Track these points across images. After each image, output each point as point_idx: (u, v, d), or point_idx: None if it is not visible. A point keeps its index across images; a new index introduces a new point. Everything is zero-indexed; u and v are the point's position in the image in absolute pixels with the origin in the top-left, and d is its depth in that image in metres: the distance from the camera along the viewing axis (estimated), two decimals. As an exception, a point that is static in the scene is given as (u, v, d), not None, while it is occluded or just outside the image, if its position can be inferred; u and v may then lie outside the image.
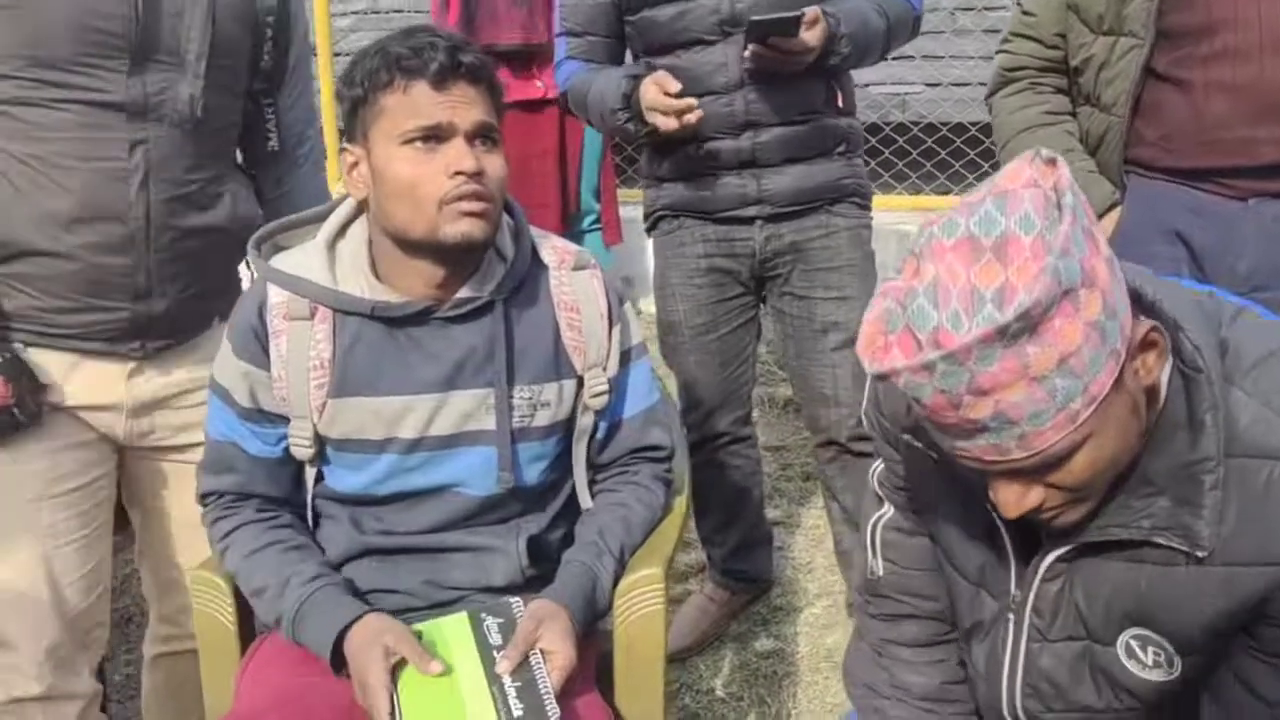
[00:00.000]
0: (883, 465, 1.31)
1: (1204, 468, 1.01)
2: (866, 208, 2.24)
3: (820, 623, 2.51)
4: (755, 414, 3.40)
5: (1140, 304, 1.03)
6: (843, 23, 2.01)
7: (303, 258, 1.45)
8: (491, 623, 1.41)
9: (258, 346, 1.43)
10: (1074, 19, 1.75)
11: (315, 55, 4.47)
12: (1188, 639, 1.08)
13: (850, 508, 2.26)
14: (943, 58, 4.83)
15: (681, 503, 1.62)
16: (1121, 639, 1.12)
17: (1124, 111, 1.68)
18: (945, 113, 4.21)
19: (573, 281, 1.50)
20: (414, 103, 1.34)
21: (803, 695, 2.30)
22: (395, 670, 1.32)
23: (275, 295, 1.43)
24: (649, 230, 2.31)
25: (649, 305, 4.16)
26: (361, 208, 1.45)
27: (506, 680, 1.32)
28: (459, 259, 1.40)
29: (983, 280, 0.89)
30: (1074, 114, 1.80)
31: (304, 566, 1.43)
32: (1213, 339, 1.04)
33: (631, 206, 4.27)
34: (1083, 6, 1.73)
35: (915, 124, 4.22)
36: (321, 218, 1.50)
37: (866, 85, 4.85)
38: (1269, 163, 1.61)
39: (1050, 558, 1.12)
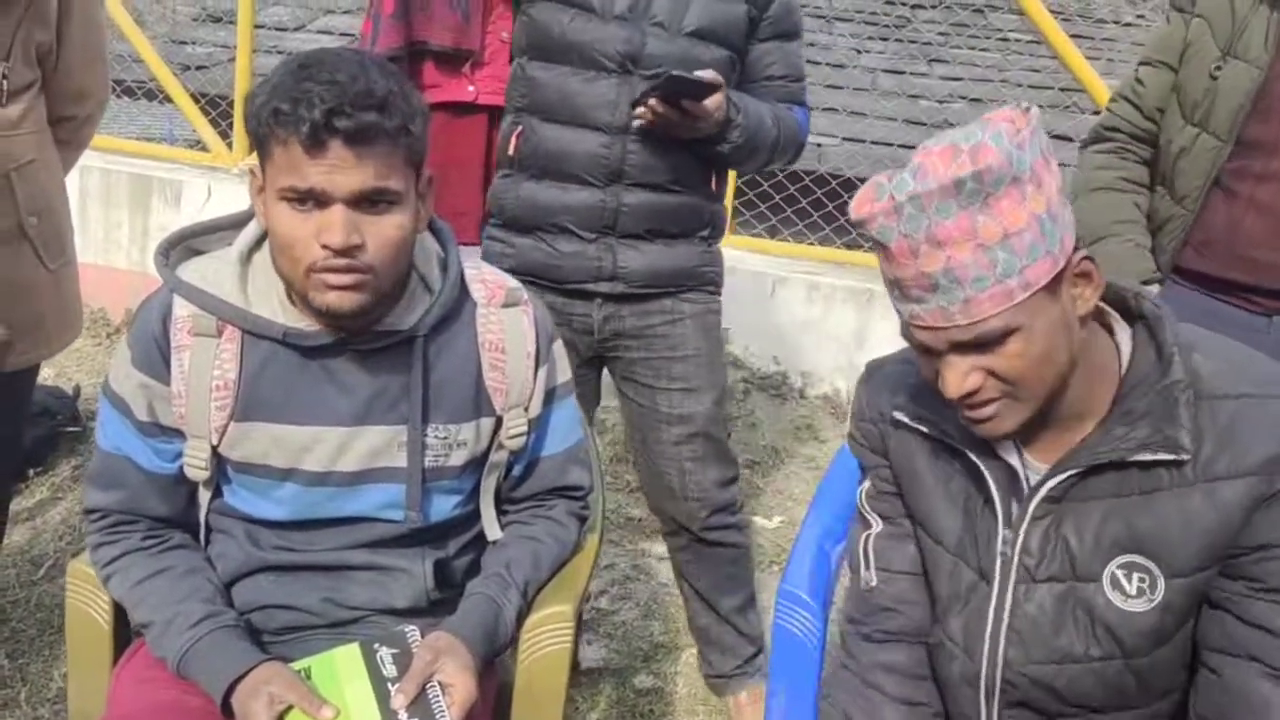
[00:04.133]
0: (869, 482, 1.39)
1: (1177, 388, 1.16)
2: (716, 293, 2.13)
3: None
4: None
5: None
6: (742, 113, 1.93)
7: (214, 269, 1.36)
8: (386, 653, 1.35)
9: (159, 359, 1.34)
10: (1174, 100, 1.80)
11: (235, 26, 4.33)
12: (1174, 559, 1.17)
13: (705, 590, 2.23)
14: (866, 116, 4.94)
15: (593, 540, 1.60)
16: (1108, 570, 1.20)
17: (1194, 206, 1.74)
18: (863, 170, 4.30)
19: (501, 319, 1.43)
20: (291, 160, 1.22)
21: (678, 737, 2.29)
22: (284, 716, 1.26)
23: (181, 307, 1.34)
24: None
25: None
26: None
27: (402, 715, 1.26)
28: None
29: (956, 170, 1.09)
30: (1151, 188, 1.85)
31: (189, 606, 1.35)
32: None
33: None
34: (1184, 90, 1.78)
35: (834, 176, 4.30)
36: (240, 223, 1.40)
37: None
38: None
39: (1042, 492, 1.22)
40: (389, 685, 1.30)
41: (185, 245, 1.40)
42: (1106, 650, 1.21)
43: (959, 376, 1.15)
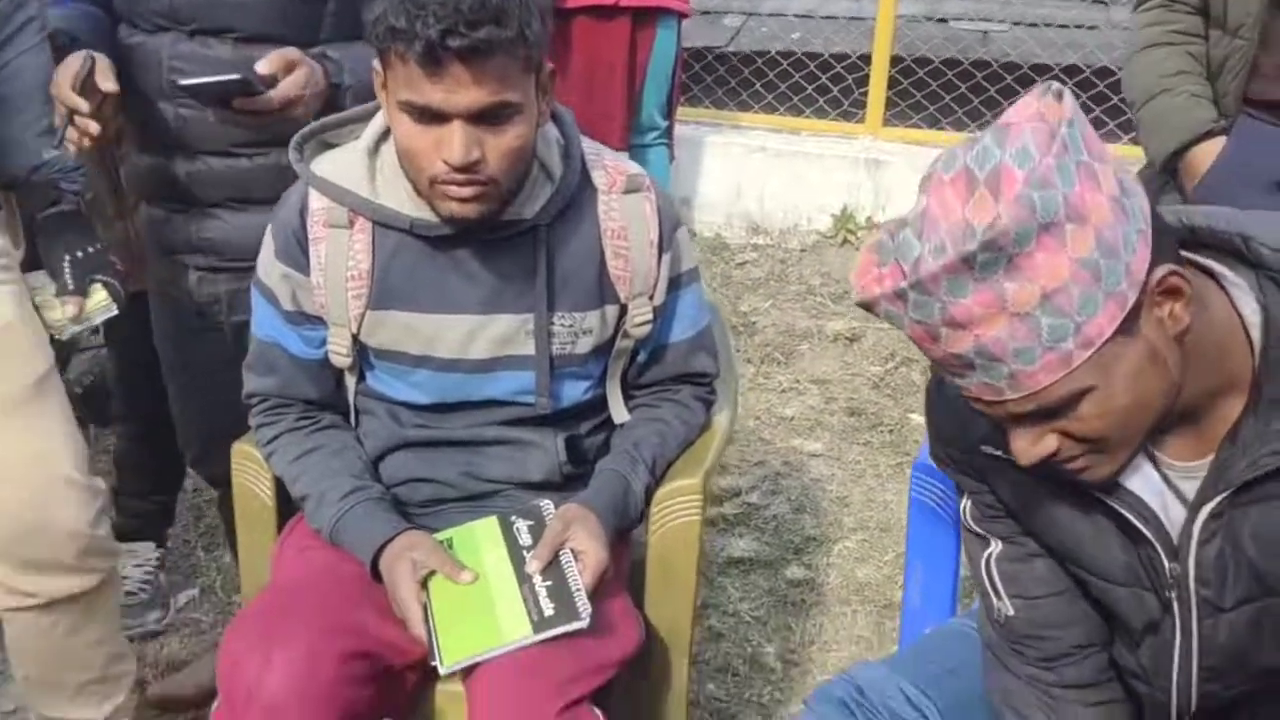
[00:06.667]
0: (969, 501, 1.22)
1: None
2: None
3: (854, 555, 2.50)
4: (803, 346, 3.41)
5: (1195, 237, 1.00)
6: (346, 71, 1.59)
7: (345, 162, 1.40)
8: (521, 525, 1.41)
9: (298, 250, 1.41)
10: None
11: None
12: None
13: None
14: (1032, -6, 4.67)
15: (723, 419, 1.60)
16: None
17: (1251, 35, 1.62)
18: (1028, 51, 4.06)
19: (622, 206, 1.42)
20: (408, 76, 1.22)
21: (829, 625, 2.30)
22: (427, 579, 1.34)
23: (316, 200, 1.40)
24: None
25: (700, 228, 4.18)
26: None
27: (537, 580, 1.32)
28: None
29: (976, 215, 0.87)
30: (1206, 36, 1.74)
31: (340, 480, 1.43)
32: None
33: (691, 126, 4.21)
34: None
35: (997, 61, 4.09)
36: (368, 115, 1.43)
37: (945, 20, 4.71)
38: None
39: (1204, 514, 1.03)
40: (524, 553, 1.36)
41: (318, 139, 1.46)
42: None
43: (1028, 444, 0.96)
